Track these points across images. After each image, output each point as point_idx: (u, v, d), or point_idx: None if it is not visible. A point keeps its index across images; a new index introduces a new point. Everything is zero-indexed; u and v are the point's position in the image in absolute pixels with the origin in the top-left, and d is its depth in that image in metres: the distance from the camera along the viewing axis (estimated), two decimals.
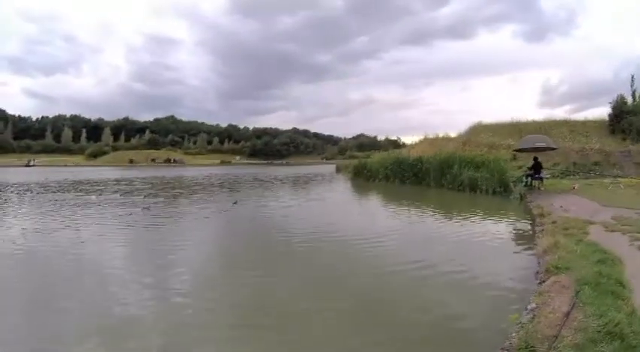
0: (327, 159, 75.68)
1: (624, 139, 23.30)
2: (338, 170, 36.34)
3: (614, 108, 25.79)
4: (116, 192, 18.83)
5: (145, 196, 16.74)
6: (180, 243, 8.03)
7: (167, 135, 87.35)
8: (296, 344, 3.87)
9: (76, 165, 62.16)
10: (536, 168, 15.88)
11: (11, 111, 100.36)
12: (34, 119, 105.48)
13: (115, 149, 77.79)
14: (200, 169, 46.04)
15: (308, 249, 7.62)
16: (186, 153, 77.99)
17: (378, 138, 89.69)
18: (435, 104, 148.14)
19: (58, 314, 4.52)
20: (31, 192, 18.58)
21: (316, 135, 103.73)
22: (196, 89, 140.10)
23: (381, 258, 6.87)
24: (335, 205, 15.06)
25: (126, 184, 23.96)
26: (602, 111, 28.16)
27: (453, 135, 28.76)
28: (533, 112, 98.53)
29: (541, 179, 15.77)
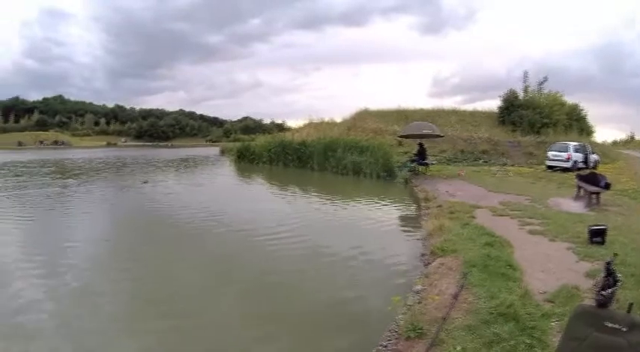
0: (212, 142, 73.68)
1: (514, 131, 25.68)
2: (222, 152, 36.42)
3: (504, 101, 28.36)
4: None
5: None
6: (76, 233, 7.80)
7: (55, 116, 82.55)
8: (206, 334, 3.85)
9: None
10: (422, 153, 16.79)
11: None
12: None
13: (4, 131, 70.44)
14: (86, 151, 44.55)
15: (212, 239, 7.46)
16: (73, 135, 75.17)
17: (264, 122, 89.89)
18: (322, 89, 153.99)
19: None
20: None
21: (202, 117, 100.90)
22: (86, 67, 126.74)
23: (276, 245, 6.86)
24: (223, 190, 15.09)
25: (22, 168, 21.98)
26: (492, 104, 30.36)
27: (338, 120, 28.78)
28: (422, 101, 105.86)
29: (427, 164, 16.68)
